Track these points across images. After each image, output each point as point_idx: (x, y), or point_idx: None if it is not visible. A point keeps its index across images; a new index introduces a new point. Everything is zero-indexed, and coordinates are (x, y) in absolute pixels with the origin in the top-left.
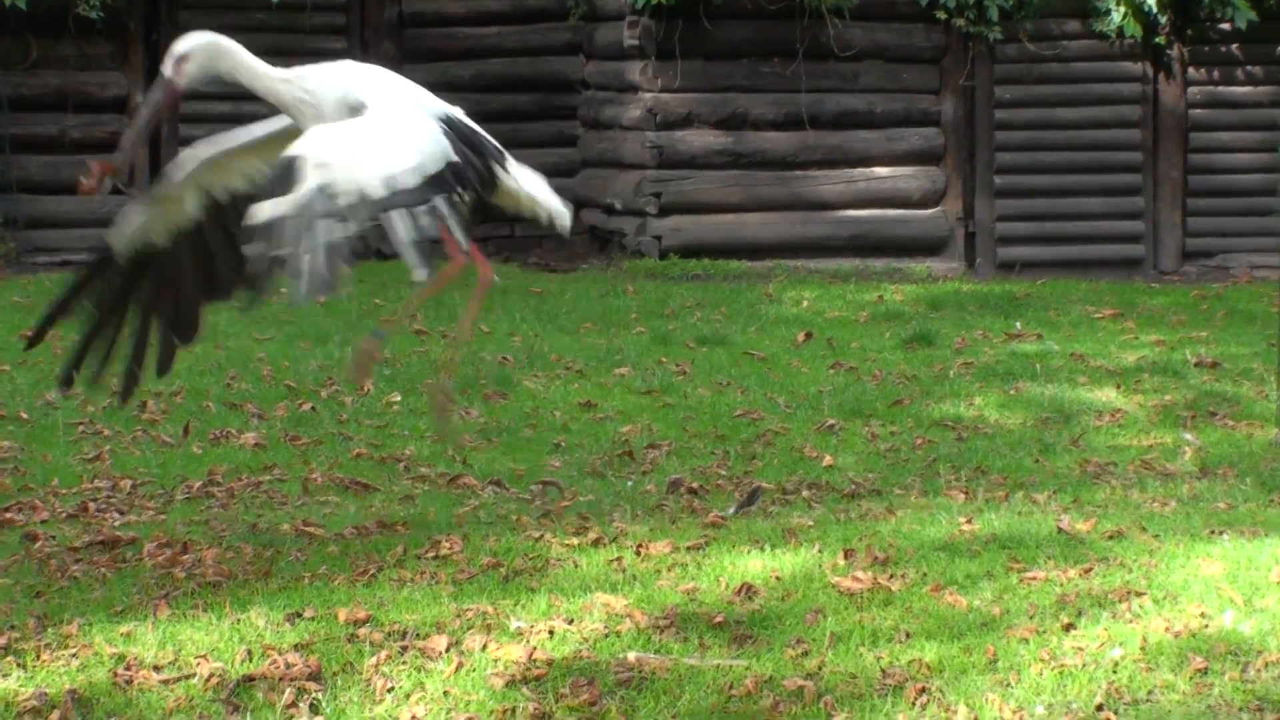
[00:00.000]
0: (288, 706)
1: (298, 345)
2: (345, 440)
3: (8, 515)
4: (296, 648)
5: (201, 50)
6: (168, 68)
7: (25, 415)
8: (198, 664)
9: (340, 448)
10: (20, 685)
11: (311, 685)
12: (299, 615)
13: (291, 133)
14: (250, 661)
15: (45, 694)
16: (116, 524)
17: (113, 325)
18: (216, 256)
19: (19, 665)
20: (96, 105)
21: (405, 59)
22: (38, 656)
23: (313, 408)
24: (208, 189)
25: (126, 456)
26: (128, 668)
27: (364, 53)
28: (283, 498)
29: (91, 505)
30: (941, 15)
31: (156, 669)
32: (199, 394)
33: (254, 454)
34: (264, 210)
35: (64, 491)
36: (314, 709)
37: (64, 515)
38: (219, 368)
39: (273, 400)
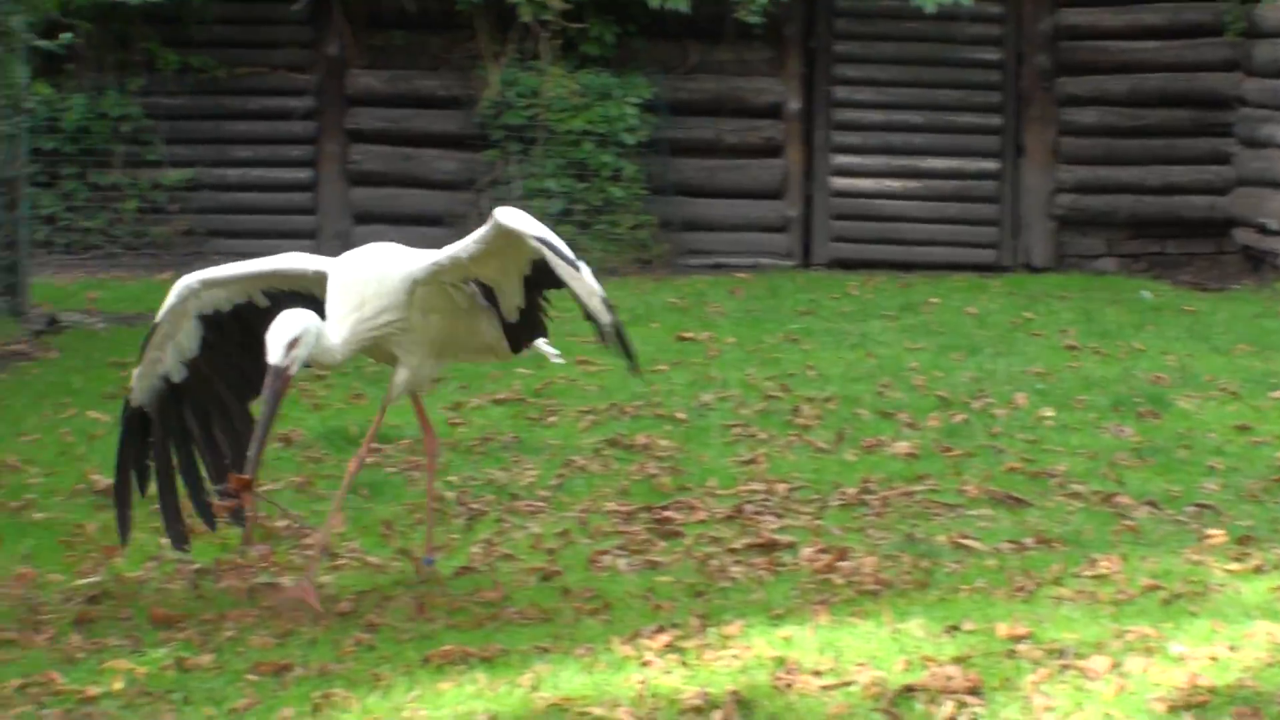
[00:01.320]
0: (947, 719)
1: (949, 356)
2: (998, 453)
3: (666, 514)
4: (956, 660)
5: (307, 334)
6: (277, 356)
7: (682, 416)
8: (857, 671)
9: (993, 460)
10: (684, 683)
11: (971, 699)
12: (957, 628)
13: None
14: (909, 672)
15: (708, 693)
16: (773, 527)
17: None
18: (234, 357)
19: (682, 663)
20: (751, 111)
21: (1058, 72)
22: (699, 655)
23: (965, 419)
24: (209, 309)
25: (781, 460)
26: (788, 671)
27: (1017, 65)
28: (937, 509)
29: (748, 507)
30: None
31: (816, 674)
32: (852, 401)
33: (906, 463)
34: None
35: (720, 492)
36: None
37: (721, 516)
38: (871, 375)
39: (925, 410)
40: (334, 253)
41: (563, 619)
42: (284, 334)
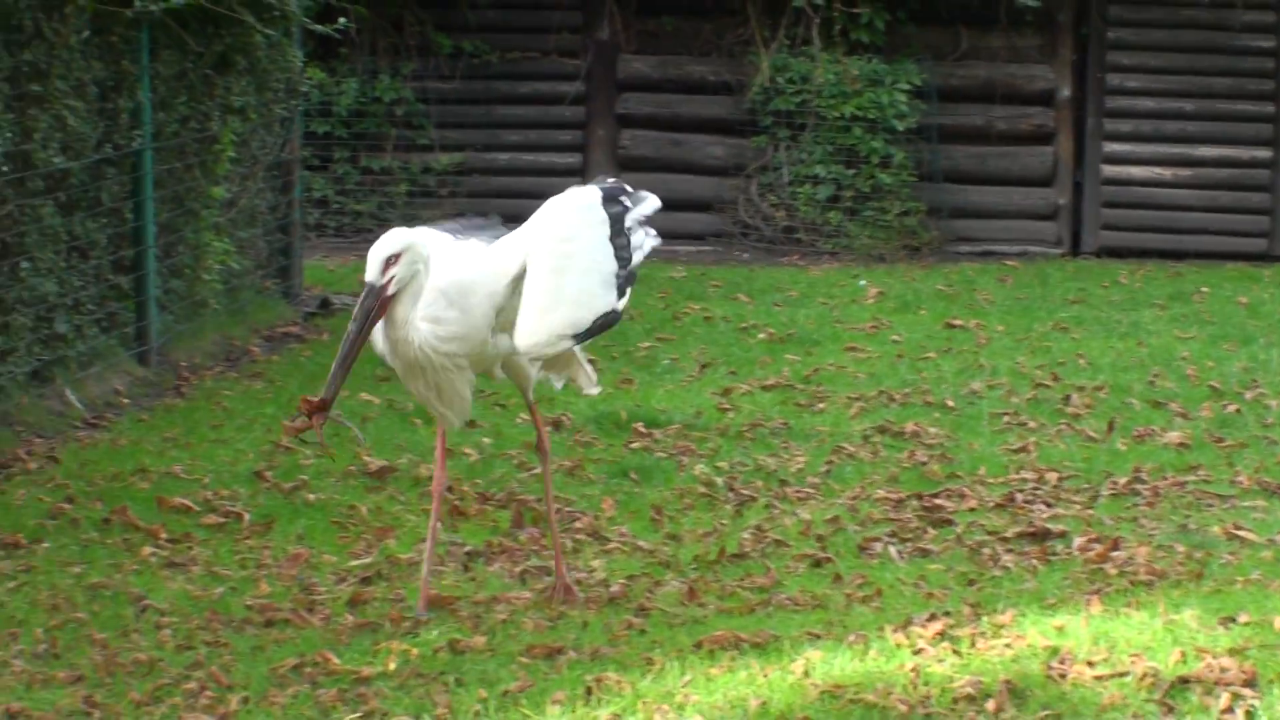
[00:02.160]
0: (1223, 712)
1: (1221, 346)
2: (1270, 444)
3: (937, 501)
4: (1231, 652)
5: (410, 251)
6: (373, 273)
7: (951, 403)
8: (1131, 662)
9: (1266, 452)
10: (955, 672)
11: (1246, 692)
12: (1233, 620)
13: None
14: (1184, 663)
15: (981, 682)
16: (1044, 516)
17: None
18: None
19: (954, 651)
20: (1022, 98)
21: None
22: (972, 644)
23: (1237, 409)
24: None
25: (1051, 449)
26: (1061, 661)
27: None
28: (1210, 499)
29: (1018, 496)
30: None
31: (1090, 664)
32: (1122, 390)
33: (1178, 453)
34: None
35: (991, 481)
36: (1250, 716)
37: (991, 504)
38: (1142, 365)
39: (1196, 400)
40: None
41: (834, 605)
42: (382, 250)
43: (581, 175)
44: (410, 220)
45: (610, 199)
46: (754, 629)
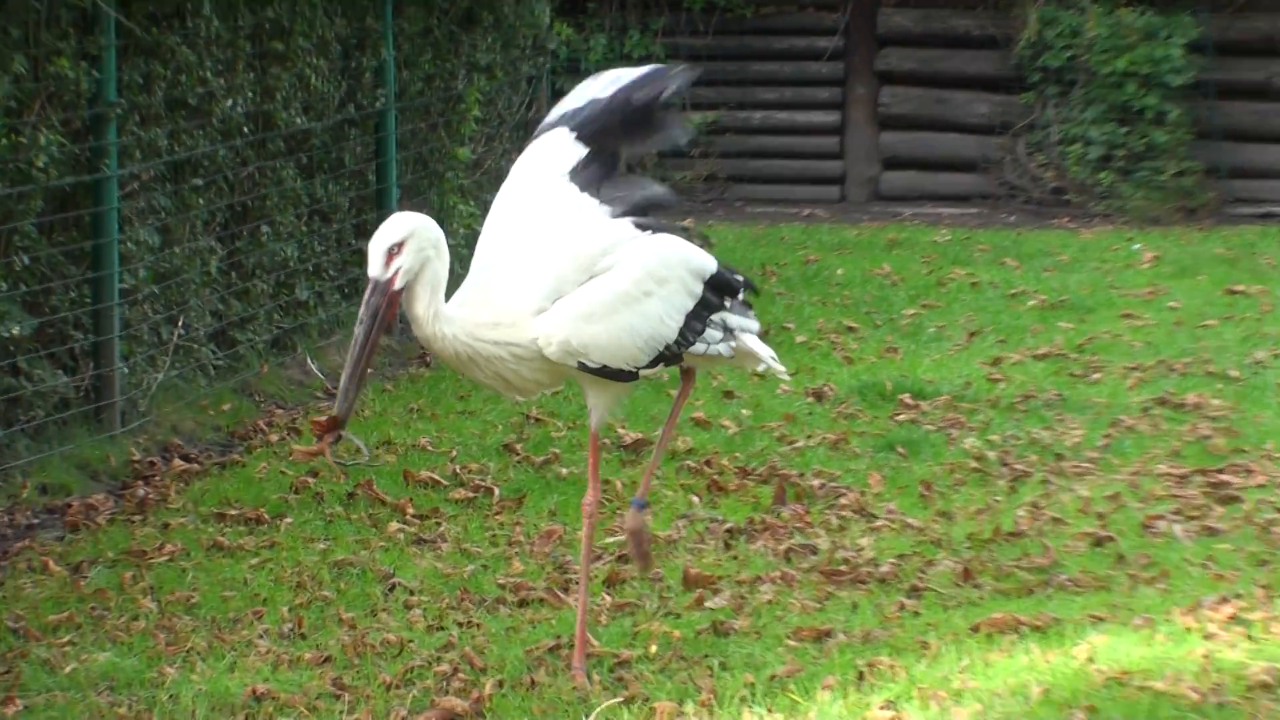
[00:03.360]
0: None
1: None
2: None
3: (1222, 477)
4: None
5: (415, 235)
6: (376, 267)
7: (1235, 373)
8: None
9: None
10: (1248, 657)
11: None
12: None
13: None
14: None
15: (1275, 669)
16: None
17: None
18: None
19: (1247, 636)
20: None
21: None
22: (1266, 628)
23: None
24: None
25: None
26: None
27: None
28: None
29: None
30: None
31: None
32: None
33: None
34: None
35: (1279, 456)
36: None
37: None
38: None
39: None
40: (862, 201)
41: (1117, 587)
42: (382, 239)
43: (840, 135)
44: (664, 181)
45: (719, 285)
46: (1033, 611)
